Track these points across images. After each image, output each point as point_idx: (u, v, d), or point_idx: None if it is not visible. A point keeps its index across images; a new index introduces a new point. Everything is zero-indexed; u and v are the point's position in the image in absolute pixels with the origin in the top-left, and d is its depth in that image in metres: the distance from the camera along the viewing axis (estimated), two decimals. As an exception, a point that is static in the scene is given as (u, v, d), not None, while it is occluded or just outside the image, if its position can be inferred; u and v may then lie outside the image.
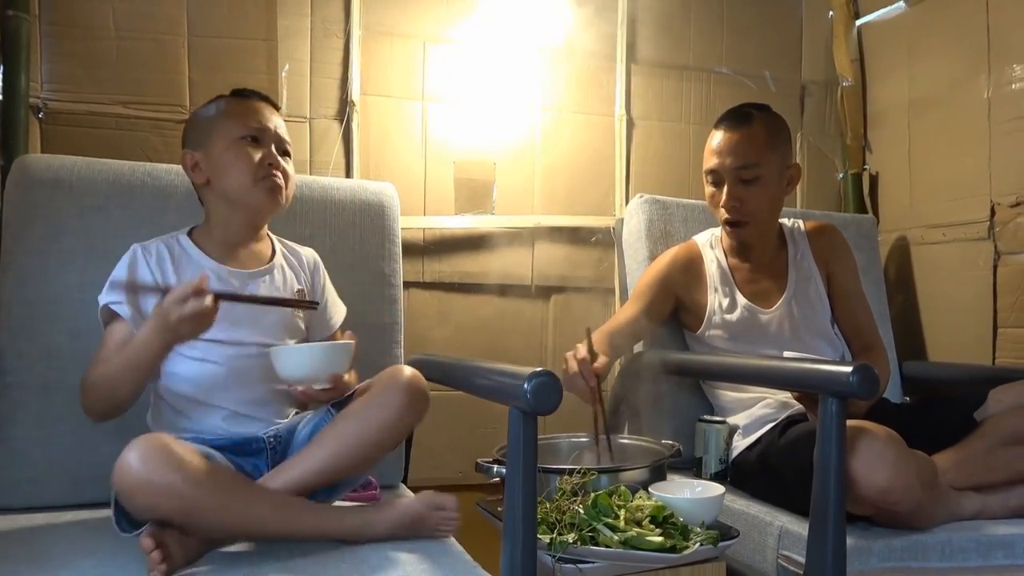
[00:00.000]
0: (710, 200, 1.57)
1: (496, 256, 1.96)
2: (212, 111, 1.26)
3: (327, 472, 1.07)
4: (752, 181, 1.51)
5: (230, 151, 1.21)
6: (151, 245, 1.23)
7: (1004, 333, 1.76)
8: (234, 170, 1.21)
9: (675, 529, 1.06)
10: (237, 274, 1.24)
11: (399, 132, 1.90)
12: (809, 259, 1.62)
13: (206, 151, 1.23)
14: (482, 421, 1.85)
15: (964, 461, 1.29)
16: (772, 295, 1.58)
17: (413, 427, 1.15)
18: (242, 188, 1.21)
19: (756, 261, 1.60)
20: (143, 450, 0.94)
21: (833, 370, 1.08)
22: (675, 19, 2.12)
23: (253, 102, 1.26)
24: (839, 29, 2.18)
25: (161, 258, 1.21)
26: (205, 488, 0.96)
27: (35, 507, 1.23)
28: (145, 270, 1.19)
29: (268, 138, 1.24)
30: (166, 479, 0.93)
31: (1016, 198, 1.74)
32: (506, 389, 0.94)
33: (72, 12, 1.66)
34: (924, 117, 2.00)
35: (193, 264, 1.22)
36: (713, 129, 1.57)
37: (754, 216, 1.53)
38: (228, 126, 1.22)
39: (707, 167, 1.56)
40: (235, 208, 1.24)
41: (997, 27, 1.79)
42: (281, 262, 1.31)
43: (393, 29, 1.90)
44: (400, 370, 1.12)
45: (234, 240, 1.26)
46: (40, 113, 1.64)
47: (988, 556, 1.18)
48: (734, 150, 1.51)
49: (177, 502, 0.94)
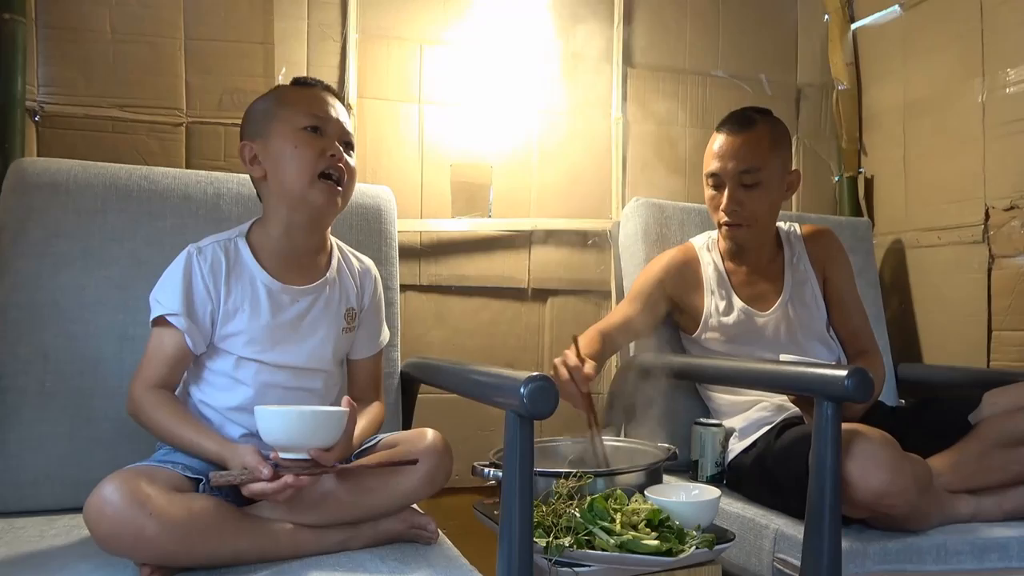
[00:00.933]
0: (710, 203, 1.58)
1: (493, 259, 1.96)
2: (272, 100, 1.18)
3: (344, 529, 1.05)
4: (753, 186, 1.51)
5: (290, 141, 1.13)
6: (207, 248, 1.15)
7: (999, 336, 1.77)
8: (295, 161, 1.13)
9: (671, 532, 1.07)
10: (289, 291, 1.17)
11: (396, 135, 1.90)
12: (805, 262, 1.62)
13: (265, 141, 1.15)
14: (479, 424, 1.85)
15: (959, 464, 1.29)
16: (769, 298, 1.58)
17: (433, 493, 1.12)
18: (301, 182, 1.13)
19: (753, 264, 1.61)
20: (111, 496, 0.91)
21: (828, 374, 1.08)
22: (671, 22, 2.13)
23: (316, 90, 1.19)
24: (834, 33, 2.19)
25: (216, 265, 1.14)
26: (177, 531, 0.92)
27: (31, 511, 1.23)
28: (199, 280, 1.13)
29: (332, 129, 1.16)
30: (136, 527, 0.90)
31: (1010, 202, 1.74)
32: (502, 393, 0.94)
33: (68, 15, 1.66)
34: (919, 121, 2.01)
35: (246, 277, 1.15)
36: (715, 132, 1.57)
37: (753, 220, 1.53)
38: (289, 115, 1.15)
39: (708, 170, 1.56)
40: (293, 208, 1.16)
41: (991, 32, 1.80)
42: (334, 275, 1.23)
43: (389, 32, 1.90)
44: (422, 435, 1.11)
45: (293, 244, 1.19)
46: (36, 116, 1.64)
47: (983, 559, 1.19)
48: (736, 154, 1.51)
49: (150, 549, 0.91)
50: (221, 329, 1.14)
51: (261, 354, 1.15)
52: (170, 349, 1.11)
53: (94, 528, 0.92)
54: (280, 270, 1.18)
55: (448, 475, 1.12)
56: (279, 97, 1.19)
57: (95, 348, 1.30)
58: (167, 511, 0.92)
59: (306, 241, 1.20)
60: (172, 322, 1.11)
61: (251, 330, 1.14)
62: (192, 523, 0.94)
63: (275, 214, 1.18)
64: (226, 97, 1.75)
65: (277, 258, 1.18)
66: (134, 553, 0.93)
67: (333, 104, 1.19)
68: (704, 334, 1.59)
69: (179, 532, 0.92)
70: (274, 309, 1.16)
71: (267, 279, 1.16)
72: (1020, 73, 1.73)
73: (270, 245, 1.18)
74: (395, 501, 1.08)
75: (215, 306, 1.13)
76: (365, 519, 1.07)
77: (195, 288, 1.13)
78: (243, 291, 1.15)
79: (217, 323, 1.14)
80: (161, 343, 1.12)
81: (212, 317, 1.13)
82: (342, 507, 1.05)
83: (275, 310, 1.16)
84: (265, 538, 1.00)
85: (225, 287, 1.14)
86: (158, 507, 0.92)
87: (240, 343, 1.14)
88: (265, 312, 1.15)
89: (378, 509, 1.07)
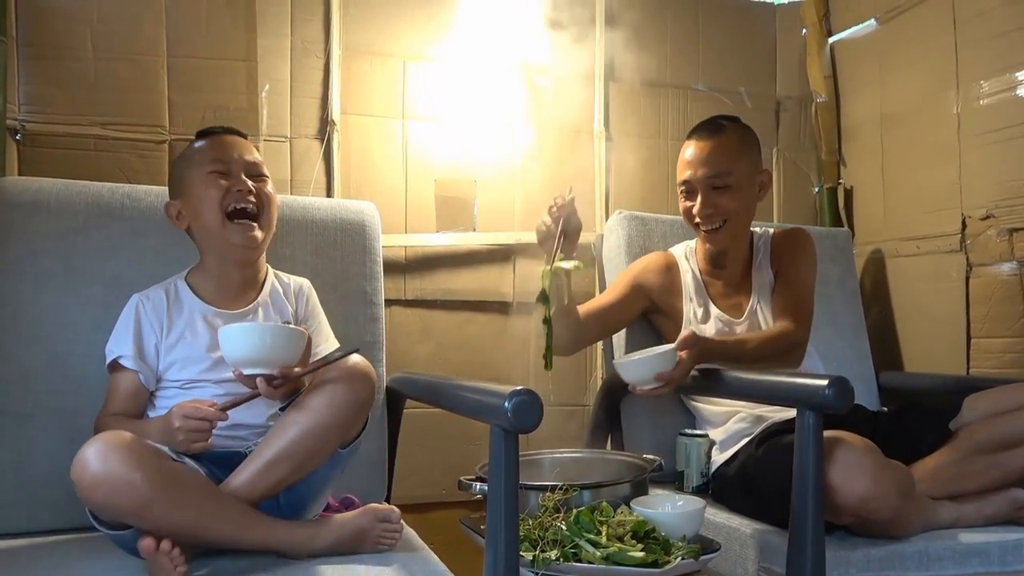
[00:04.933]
0: (685, 214, 1.59)
1: (478, 273, 1.97)
2: (182, 158, 1.30)
3: (282, 461, 1.08)
4: (724, 188, 1.53)
5: (200, 186, 1.24)
6: (150, 292, 1.27)
7: (977, 343, 1.79)
8: (206, 203, 1.24)
9: (657, 544, 1.07)
10: (223, 315, 1.27)
11: (380, 151, 1.91)
12: (766, 264, 1.63)
13: (184, 197, 1.27)
14: (465, 438, 1.85)
15: (940, 470, 1.31)
16: (743, 305, 1.60)
17: (360, 405, 1.14)
18: (216, 223, 1.24)
19: (728, 272, 1.62)
20: (102, 446, 0.96)
21: (808, 383, 1.09)
22: (652, 37, 2.15)
23: (218, 137, 1.29)
24: (812, 46, 2.22)
25: (158, 304, 1.25)
26: (162, 486, 0.97)
27: (13, 533, 1.22)
28: (145, 320, 1.24)
29: (236, 167, 1.26)
30: (124, 475, 0.95)
31: (986, 211, 1.77)
32: (487, 408, 0.94)
33: (50, 33, 1.65)
34: (896, 132, 2.04)
35: (186, 310, 1.26)
36: (685, 141, 1.60)
37: (729, 217, 1.54)
38: (195, 167, 1.26)
39: (680, 179, 1.58)
40: (219, 250, 1.27)
41: (964, 45, 1.83)
42: (266, 299, 1.32)
43: (373, 48, 1.91)
44: (343, 361, 1.14)
45: (228, 279, 1.29)
46: (17, 135, 1.63)
47: (964, 564, 1.20)
48: (706, 160, 1.54)
49: (134, 498, 0.95)
50: (165, 357, 1.23)
51: (204, 374, 1.23)
52: (125, 385, 1.22)
53: (80, 477, 0.96)
54: (216, 298, 1.29)
55: (370, 388, 1.14)
56: (187, 155, 1.30)
57: (77, 367, 1.29)
58: (154, 464, 0.98)
59: (240, 275, 1.31)
60: (124, 364, 1.21)
61: (193, 356, 1.23)
62: (178, 480, 1.01)
63: (208, 257, 1.30)
64: (209, 114, 1.75)
65: (214, 292, 1.29)
66: (121, 501, 0.96)
67: (235, 143, 1.29)
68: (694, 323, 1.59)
69: (165, 484, 0.97)
70: (211, 332, 1.24)
71: (203, 307, 1.27)
72: (994, 85, 1.76)
73: (206, 282, 1.30)
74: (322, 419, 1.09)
75: (159, 338, 1.24)
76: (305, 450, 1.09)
77: (143, 329, 1.24)
78: (183, 322, 1.25)
79: (161, 353, 1.24)
80: (117, 384, 1.23)
81: (157, 349, 1.24)
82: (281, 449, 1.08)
83: (211, 333, 1.24)
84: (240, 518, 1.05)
85: (167, 320, 1.25)
86: (145, 459, 0.98)
87: (183, 368, 1.23)
88: (203, 335, 1.24)
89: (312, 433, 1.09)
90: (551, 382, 1.99)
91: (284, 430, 1.09)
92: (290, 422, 1.10)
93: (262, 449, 1.10)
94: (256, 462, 1.08)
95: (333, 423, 1.11)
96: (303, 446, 1.09)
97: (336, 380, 1.11)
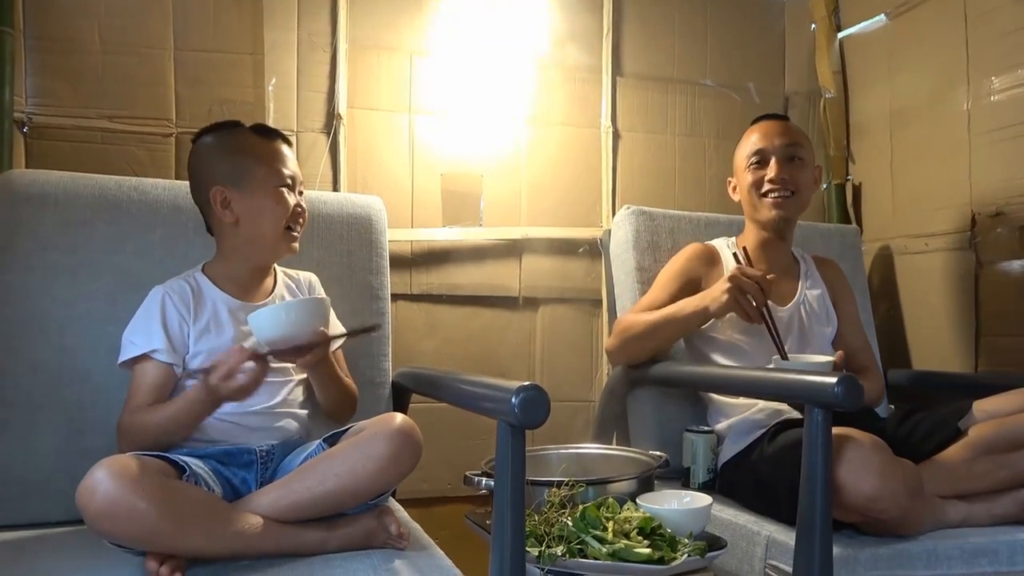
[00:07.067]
0: (752, 186, 1.60)
1: (484, 268, 1.96)
2: (246, 152, 1.25)
3: (303, 508, 1.07)
4: (798, 161, 1.59)
5: (271, 198, 1.25)
6: (172, 284, 1.26)
7: (986, 342, 1.79)
8: (272, 216, 1.25)
9: (663, 540, 1.07)
10: (247, 307, 1.27)
11: (386, 145, 1.91)
12: (816, 277, 1.69)
13: (242, 193, 1.24)
14: (471, 433, 1.85)
15: (949, 469, 1.30)
16: (786, 297, 1.62)
17: (402, 478, 1.13)
18: (275, 235, 1.26)
19: (770, 265, 1.61)
20: (105, 475, 0.94)
21: (818, 381, 1.09)
22: (660, 32, 2.14)
23: (281, 145, 1.29)
24: (821, 42, 2.21)
25: (183, 294, 1.24)
26: (168, 513, 0.95)
27: (20, 524, 1.22)
28: (172, 311, 1.22)
29: (296, 184, 1.29)
30: (130, 505, 0.93)
31: (996, 208, 1.76)
32: (493, 403, 0.94)
33: (56, 26, 1.66)
34: (905, 128, 2.03)
35: (209, 300, 1.26)
36: (751, 126, 1.66)
37: (797, 190, 1.59)
38: (266, 174, 1.25)
39: (752, 150, 1.61)
40: (261, 252, 1.29)
41: (975, 40, 1.82)
42: (282, 292, 1.34)
43: (380, 42, 1.91)
44: (391, 418, 1.12)
45: (248, 275, 1.30)
46: (24, 128, 1.63)
47: (972, 564, 1.19)
48: (783, 132, 1.61)
49: (142, 529, 0.94)
50: (194, 347, 1.22)
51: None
52: (154, 377, 1.19)
53: (86, 507, 0.94)
54: (238, 293, 1.29)
55: (415, 459, 1.11)
56: (254, 151, 1.26)
57: (86, 360, 1.29)
58: (159, 491, 0.96)
59: (261, 271, 1.33)
60: (158, 358, 1.19)
61: (219, 347, 1.21)
62: (184, 505, 0.99)
63: (235, 253, 1.29)
64: (216, 108, 1.75)
65: (235, 285, 1.29)
66: (127, 530, 0.95)
67: (291, 156, 1.31)
68: (719, 323, 1.58)
69: (171, 511, 0.96)
70: (236, 324, 1.25)
71: (226, 298, 1.27)
72: (1004, 81, 1.75)
73: (226, 276, 1.29)
74: (361, 483, 1.08)
75: (189, 327, 1.23)
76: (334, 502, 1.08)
77: (171, 321, 1.22)
78: (208, 313, 1.25)
79: (190, 341, 1.22)
80: (144, 377, 1.20)
81: (187, 338, 1.23)
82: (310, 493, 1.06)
83: (236, 324, 1.25)
84: (247, 534, 1.02)
85: (194, 310, 1.24)
86: (150, 487, 0.95)
87: (208, 360, 1.20)
88: (228, 327, 1.24)
89: (346, 491, 1.08)
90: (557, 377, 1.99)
91: (321, 479, 1.07)
92: (330, 473, 1.07)
93: (292, 483, 1.08)
94: (284, 498, 1.07)
95: (371, 487, 1.09)
96: (335, 499, 1.08)
97: (381, 447, 1.08)
